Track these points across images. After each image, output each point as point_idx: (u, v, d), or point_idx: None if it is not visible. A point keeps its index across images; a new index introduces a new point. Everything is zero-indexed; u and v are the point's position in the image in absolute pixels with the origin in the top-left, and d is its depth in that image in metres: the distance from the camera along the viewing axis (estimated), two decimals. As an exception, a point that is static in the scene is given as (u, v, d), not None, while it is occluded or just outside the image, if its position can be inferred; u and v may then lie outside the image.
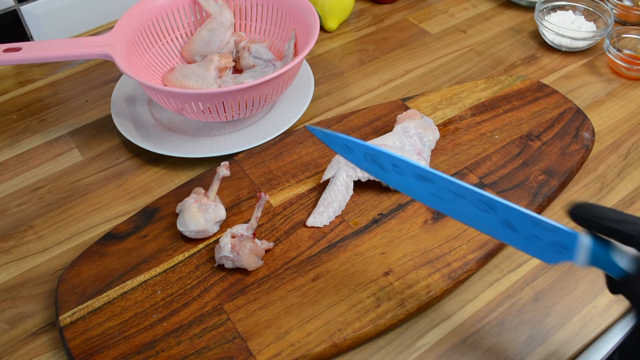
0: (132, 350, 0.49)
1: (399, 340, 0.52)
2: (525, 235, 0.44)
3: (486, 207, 0.44)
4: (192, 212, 0.56)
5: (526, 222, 0.43)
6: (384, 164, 0.44)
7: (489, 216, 0.44)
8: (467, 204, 0.44)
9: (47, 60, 0.66)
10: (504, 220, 0.44)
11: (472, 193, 0.44)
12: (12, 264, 0.59)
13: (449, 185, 0.44)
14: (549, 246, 0.44)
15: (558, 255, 0.44)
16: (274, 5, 0.76)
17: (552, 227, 0.43)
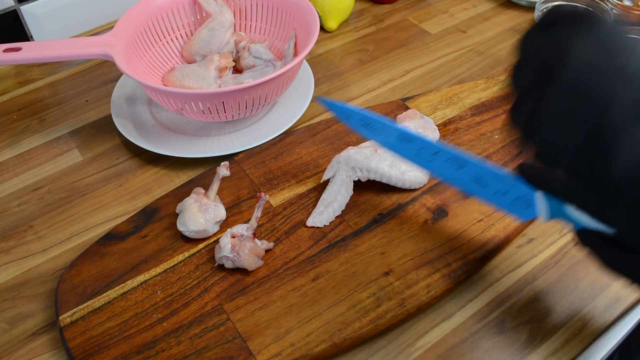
0: (132, 350, 0.49)
1: (399, 340, 0.52)
2: (494, 191, 0.50)
3: (457, 165, 0.50)
4: (192, 212, 0.56)
5: (492, 178, 0.49)
6: (375, 128, 0.52)
7: (461, 173, 0.50)
8: (442, 162, 0.50)
9: (47, 60, 0.66)
10: (474, 177, 0.50)
11: (444, 152, 0.50)
12: (12, 264, 0.59)
13: (425, 144, 0.50)
14: (516, 202, 0.49)
15: (525, 212, 0.49)
16: (274, 5, 0.76)
17: (513, 182, 0.48)
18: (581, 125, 0.36)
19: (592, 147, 0.35)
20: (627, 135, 0.34)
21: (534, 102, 0.38)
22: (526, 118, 0.39)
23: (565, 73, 0.36)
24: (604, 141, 0.35)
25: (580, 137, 0.36)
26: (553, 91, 0.36)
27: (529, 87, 0.38)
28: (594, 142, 0.35)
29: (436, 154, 0.50)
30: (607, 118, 0.34)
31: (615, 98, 0.34)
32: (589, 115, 0.35)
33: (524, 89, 0.39)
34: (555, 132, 0.37)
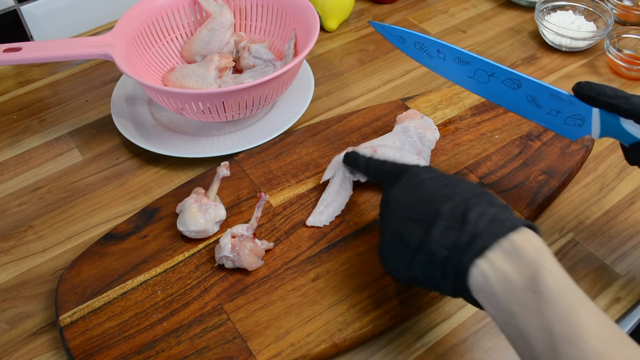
0: (132, 350, 0.49)
1: (399, 340, 0.52)
2: (547, 110, 0.52)
3: (513, 84, 0.51)
4: (192, 212, 0.56)
5: (547, 96, 0.51)
6: (431, 51, 0.53)
7: (516, 93, 0.52)
8: (498, 83, 0.52)
9: (47, 60, 0.66)
10: (529, 97, 0.51)
11: (501, 71, 0.51)
12: (12, 264, 0.59)
13: (482, 65, 0.52)
14: (568, 120, 0.51)
15: (577, 130, 0.52)
16: (274, 5, 0.76)
17: (569, 97, 0.50)
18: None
19: None
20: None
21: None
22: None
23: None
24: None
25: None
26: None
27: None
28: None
29: (492, 75, 0.52)
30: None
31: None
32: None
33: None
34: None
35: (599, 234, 0.59)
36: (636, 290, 0.54)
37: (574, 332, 0.34)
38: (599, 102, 0.49)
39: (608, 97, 0.48)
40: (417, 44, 0.53)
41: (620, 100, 0.47)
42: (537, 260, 0.38)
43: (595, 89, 0.49)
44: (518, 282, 0.38)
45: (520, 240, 0.39)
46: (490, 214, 0.41)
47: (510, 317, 0.38)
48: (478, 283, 0.40)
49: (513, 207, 0.59)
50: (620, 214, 0.61)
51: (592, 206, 0.62)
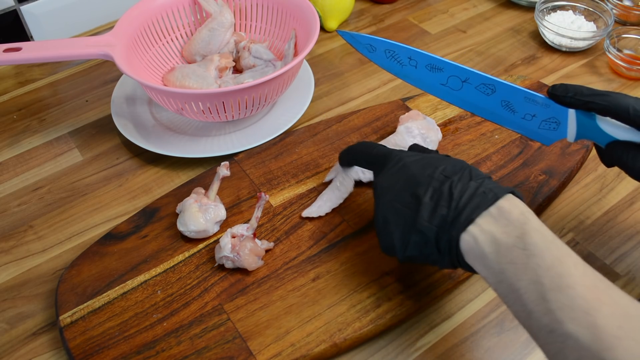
0: (132, 350, 0.49)
1: (399, 340, 0.52)
2: (522, 115, 0.51)
3: (488, 89, 0.51)
4: (192, 212, 0.56)
5: (522, 100, 0.51)
6: (402, 59, 0.52)
7: (490, 99, 0.51)
8: (472, 89, 0.51)
9: (47, 60, 0.66)
10: (503, 102, 0.51)
11: (475, 76, 0.51)
12: (12, 264, 0.59)
13: (455, 71, 0.51)
14: (543, 124, 0.51)
15: (552, 134, 0.52)
16: (274, 5, 0.76)
17: (544, 100, 0.50)
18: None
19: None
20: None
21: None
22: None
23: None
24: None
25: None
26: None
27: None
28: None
29: (466, 80, 0.51)
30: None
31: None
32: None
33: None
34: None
35: (599, 234, 0.59)
36: (636, 290, 0.54)
37: (562, 282, 0.37)
38: (576, 102, 0.49)
39: (584, 96, 0.48)
40: (388, 51, 0.52)
41: (597, 97, 0.48)
42: (523, 220, 0.41)
43: (571, 89, 0.49)
44: (507, 242, 0.40)
45: (505, 205, 0.42)
46: (472, 188, 0.44)
47: (502, 275, 0.40)
48: (469, 247, 0.42)
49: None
50: (620, 214, 0.61)
51: (592, 206, 0.62)
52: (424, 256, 0.45)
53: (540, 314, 0.37)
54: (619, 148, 0.48)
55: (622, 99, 0.46)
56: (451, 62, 0.52)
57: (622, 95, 0.47)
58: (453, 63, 0.52)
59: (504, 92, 0.51)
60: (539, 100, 0.51)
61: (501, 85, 0.51)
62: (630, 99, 0.46)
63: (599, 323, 0.35)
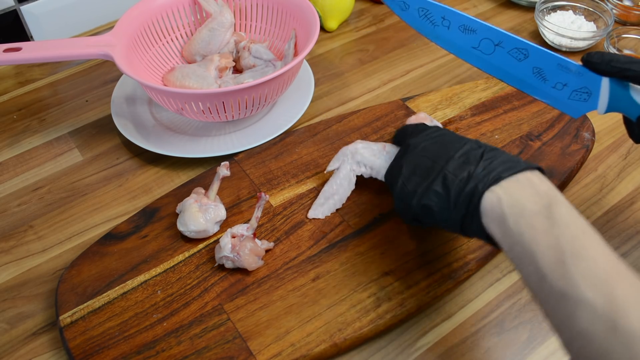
0: (132, 350, 0.49)
1: (399, 340, 0.52)
2: (553, 84, 0.50)
3: (520, 54, 0.50)
4: (192, 212, 0.56)
5: (554, 67, 0.50)
6: (435, 19, 0.51)
7: (521, 65, 0.50)
8: (504, 54, 0.50)
9: (47, 60, 0.66)
10: (535, 69, 0.50)
11: (509, 39, 0.50)
12: (12, 264, 0.59)
13: (489, 33, 0.51)
14: (574, 94, 0.50)
15: (582, 105, 0.50)
16: (274, 5, 0.76)
17: (578, 68, 0.49)
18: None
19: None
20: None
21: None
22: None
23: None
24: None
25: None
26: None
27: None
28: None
29: (499, 44, 0.50)
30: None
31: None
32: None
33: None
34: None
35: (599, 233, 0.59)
36: None
37: (585, 252, 0.37)
38: (612, 69, 0.47)
39: (621, 63, 0.47)
40: (421, 9, 0.51)
41: (635, 64, 0.46)
42: (551, 194, 0.42)
43: (607, 56, 0.48)
44: (531, 208, 0.41)
45: (534, 178, 0.43)
46: (505, 157, 0.45)
47: (519, 238, 0.40)
48: (490, 206, 0.42)
49: (513, 207, 0.59)
50: (620, 214, 0.61)
51: (592, 206, 0.62)
52: (437, 208, 0.46)
53: (555, 278, 0.37)
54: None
55: None
56: (485, 24, 0.51)
57: None
58: (487, 24, 0.51)
59: (537, 58, 0.50)
60: (572, 68, 0.49)
61: (535, 50, 0.50)
62: None
63: (617, 293, 0.35)
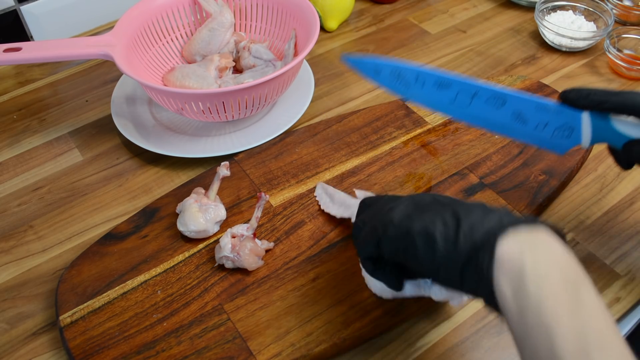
0: (132, 350, 0.49)
1: (399, 340, 0.52)
2: (534, 125, 0.50)
3: (498, 102, 0.49)
4: (192, 212, 0.56)
5: (533, 109, 0.49)
6: (408, 79, 0.50)
7: (501, 112, 0.49)
8: (481, 104, 0.49)
9: (47, 60, 0.66)
10: (515, 113, 0.49)
11: (485, 90, 0.49)
12: (12, 264, 0.59)
13: (463, 86, 0.49)
14: (556, 132, 0.50)
15: (566, 142, 0.50)
16: (274, 5, 0.76)
17: (557, 108, 0.49)
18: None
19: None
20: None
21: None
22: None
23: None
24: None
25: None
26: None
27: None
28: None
29: (475, 95, 0.49)
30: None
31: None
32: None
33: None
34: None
35: (599, 234, 0.59)
36: (636, 290, 0.54)
37: (612, 350, 0.33)
38: (590, 103, 0.48)
39: (599, 96, 0.47)
40: (394, 72, 0.50)
41: (612, 96, 0.46)
42: (577, 270, 0.37)
43: (584, 91, 0.48)
44: (557, 277, 0.35)
45: (555, 244, 0.38)
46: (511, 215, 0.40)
47: (537, 304, 0.34)
48: (509, 256, 0.36)
49: (513, 207, 0.59)
50: (620, 214, 0.61)
51: (592, 206, 0.62)
52: (442, 240, 0.38)
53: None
54: (637, 146, 0.47)
55: (638, 96, 0.46)
56: (459, 78, 0.50)
57: (635, 93, 0.46)
58: (461, 78, 0.50)
59: (514, 103, 0.50)
60: (551, 107, 0.49)
61: (512, 96, 0.49)
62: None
63: None
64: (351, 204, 0.58)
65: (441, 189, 0.61)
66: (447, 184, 0.62)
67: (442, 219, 0.39)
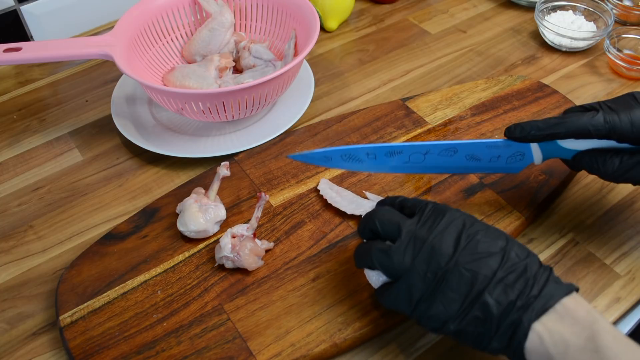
0: (132, 350, 0.49)
1: (399, 340, 0.52)
2: (488, 160, 0.53)
3: (450, 152, 0.52)
4: (192, 212, 0.56)
5: (484, 149, 0.53)
6: (360, 157, 0.52)
7: (455, 158, 0.53)
8: (435, 157, 0.52)
9: (47, 60, 0.66)
10: (468, 155, 0.53)
11: (435, 146, 0.52)
12: (12, 264, 0.59)
13: (415, 148, 0.52)
14: (509, 160, 0.54)
15: (519, 164, 0.54)
16: (274, 5, 0.76)
17: (506, 143, 0.53)
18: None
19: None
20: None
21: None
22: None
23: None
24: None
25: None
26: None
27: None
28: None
29: (427, 152, 0.52)
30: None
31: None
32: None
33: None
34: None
35: (599, 234, 0.59)
36: (636, 290, 0.54)
37: None
38: (536, 137, 0.51)
39: (542, 130, 0.50)
40: (344, 155, 0.52)
41: (555, 127, 0.49)
42: (591, 320, 0.39)
43: (527, 127, 0.51)
44: (576, 343, 0.38)
45: (571, 303, 0.40)
46: (545, 276, 0.41)
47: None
48: (534, 346, 0.39)
49: (513, 207, 0.59)
50: (620, 214, 0.61)
51: (592, 206, 0.62)
52: (476, 335, 0.41)
53: None
54: (586, 157, 0.51)
55: (578, 121, 0.48)
56: (408, 143, 0.52)
57: (576, 117, 0.49)
58: (410, 143, 0.52)
59: (466, 148, 0.53)
60: (500, 144, 0.53)
61: (462, 145, 0.52)
62: (584, 118, 0.48)
63: None
64: (363, 202, 0.59)
65: (441, 189, 0.61)
66: (447, 184, 0.62)
67: (475, 318, 0.41)
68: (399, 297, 0.44)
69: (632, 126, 0.47)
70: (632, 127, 0.47)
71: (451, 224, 0.44)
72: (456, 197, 0.60)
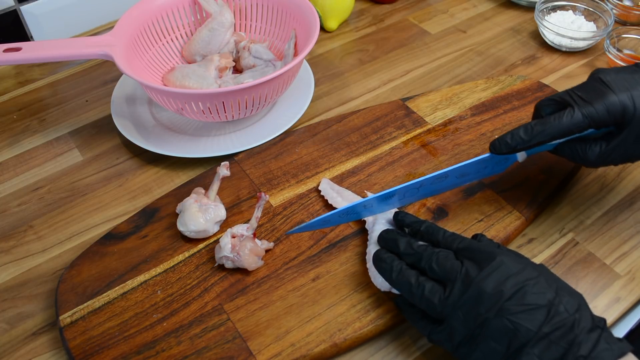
0: (132, 350, 0.49)
1: (399, 340, 0.52)
2: (475, 172, 0.56)
3: (442, 178, 0.55)
4: (192, 212, 0.56)
5: (473, 167, 0.55)
6: (357, 211, 0.54)
7: (447, 182, 0.56)
8: (428, 186, 0.55)
9: (47, 60, 0.66)
10: (459, 175, 0.56)
11: (426, 180, 0.54)
12: (12, 264, 0.59)
13: (407, 188, 0.54)
14: (496, 164, 0.56)
15: (504, 165, 0.57)
16: (274, 5, 0.76)
17: (491, 157, 0.55)
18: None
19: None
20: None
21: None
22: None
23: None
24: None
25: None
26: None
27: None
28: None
29: (421, 186, 0.55)
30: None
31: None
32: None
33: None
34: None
35: (599, 234, 0.59)
36: (636, 290, 0.54)
37: None
38: (521, 148, 0.52)
39: (527, 142, 0.51)
40: (342, 215, 0.54)
41: (538, 136, 0.51)
42: None
43: (512, 144, 0.52)
44: None
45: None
46: (596, 334, 0.40)
47: None
48: None
49: (513, 207, 0.59)
50: (620, 214, 0.61)
51: (592, 206, 0.62)
52: None
53: None
54: (566, 149, 0.53)
55: (559, 125, 0.50)
56: (401, 186, 0.54)
57: (556, 120, 0.50)
58: (402, 185, 0.54)
59: (457, 172, 0.55)
60: (486, 158, 0.55)
61: (452, 170, 0.55)
62: (565, 120, 0.50)
63: None
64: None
65: (441, 189, 0.61)
66: (447, 184, 0.62)
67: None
68: (441, 336, 0.44)
69: (608, 113, 0.49)
70: (608, 114, 0.49)
71: (499, 269, 0.43)
72: (456, 197, 0.60)
